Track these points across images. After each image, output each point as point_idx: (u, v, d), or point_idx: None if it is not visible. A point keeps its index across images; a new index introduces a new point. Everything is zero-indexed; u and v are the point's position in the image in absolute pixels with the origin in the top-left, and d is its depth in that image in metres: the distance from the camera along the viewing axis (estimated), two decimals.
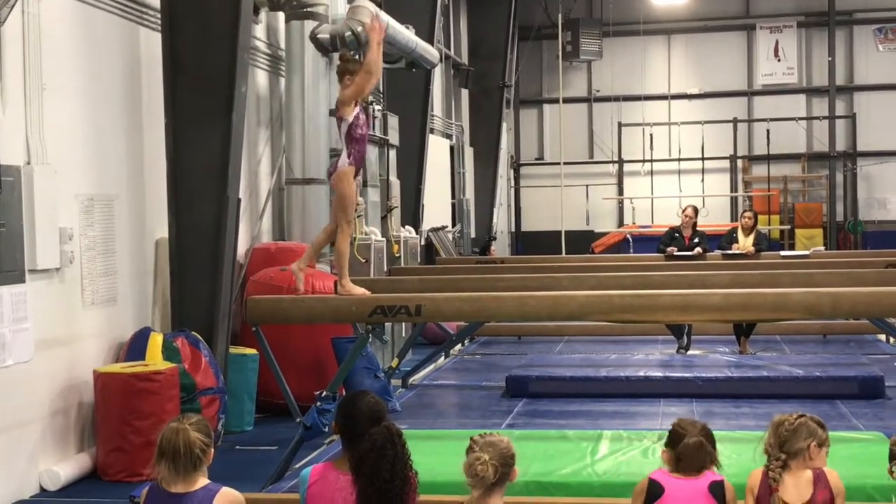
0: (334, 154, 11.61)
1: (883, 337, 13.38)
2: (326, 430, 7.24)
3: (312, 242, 8.06)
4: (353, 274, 11.29)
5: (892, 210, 24.87)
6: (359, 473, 3.74)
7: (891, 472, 3.74)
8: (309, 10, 10.96)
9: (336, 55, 11.42)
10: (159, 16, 8.41)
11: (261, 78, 11.31)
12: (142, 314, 8.71)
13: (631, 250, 21.78)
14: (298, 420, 7.33)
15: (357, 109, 7.18)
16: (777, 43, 25.29)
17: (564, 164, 21.45)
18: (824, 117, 24.95)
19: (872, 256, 12.73)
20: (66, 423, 7.65)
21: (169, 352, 7.96)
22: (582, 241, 22.53)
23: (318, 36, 11.00)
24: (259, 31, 11.21)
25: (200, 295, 8.30)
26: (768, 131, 23.86)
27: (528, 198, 26.03)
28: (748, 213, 13.33)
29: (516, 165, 26.14)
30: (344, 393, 7.81)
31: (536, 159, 26.31)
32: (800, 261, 12.03)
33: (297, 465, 7.19)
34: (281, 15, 11.34)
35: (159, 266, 8.89)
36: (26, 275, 7.08)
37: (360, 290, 7.32)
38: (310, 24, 11.01)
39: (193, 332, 8.17)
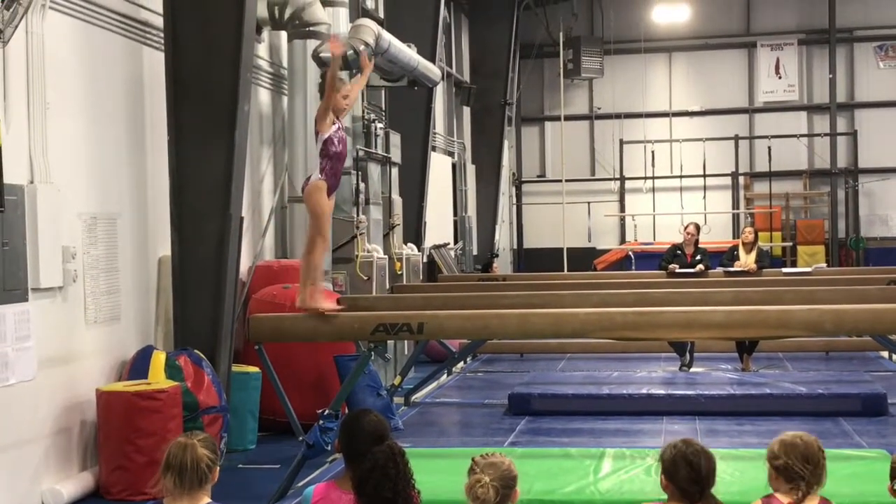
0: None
1: (886, 354, 13.36)
2: (329, 448, 7.23)
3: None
4: (354, 291, 11.38)
5: (894, 227, 24.87)
6: (361, 493, 3.74)
7: (892, 490, 3.73)
8: (311, 29, 10.99)
9: (342, 73, 11.48)
10: (162, 35, 8.44)
11: (263, 96, 11.35)
12: (144, 332, 8.71)
13: (633, 267, 21.79)
14: (301, 438, 7.33)
15: (334, 126, 7.17)
16: (778, 60, 25.35)
17: (566, 181, 21.47)
18: (825, 134, 24.98)
19: (874, 273, 12.72)
20: (69, 441, 7.65)
21: (172, 370, 7.96)
22: (584, 258, 22.54)
23: (321, 55, 11.04)
24: (262, 49, 11.25)
25: (203, 313, 8.31)
26: (770, 148, 23.89)
27: (530, 215, 26.05)
28: (749, 230, 13.34)
29: (518, 183, 26.17)
30: (346, 411, 7.81)
31: (538, 176, 26.34)
32: (802, 278, 12.03)
33: (300, 484, 7.18)
34: (283, 34, 11.38)
35: (162, 284, 8.90)
36: (29, 293, 7.09)
37: (329, 304, 7.22)
38: (312, 43, 11.04)
39: (196, 351, 8.17)
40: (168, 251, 8.54)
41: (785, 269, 14.73)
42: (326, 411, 7.31)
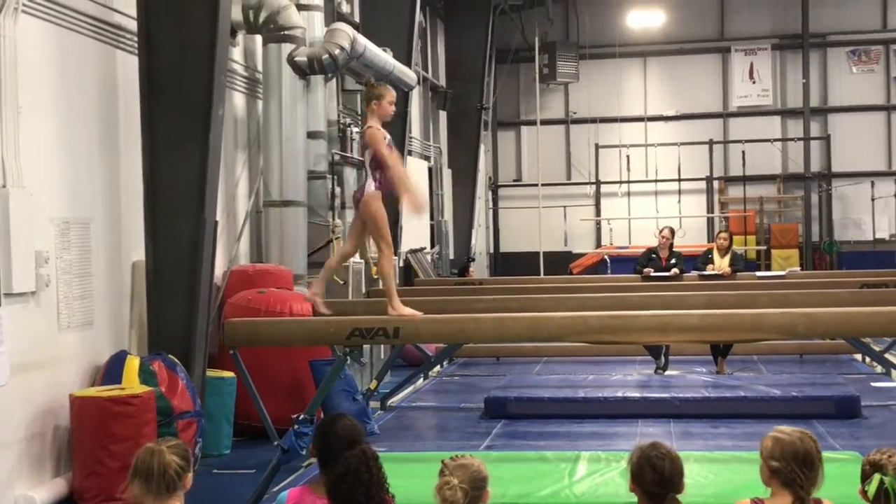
0: (313, 176, 11.66)
1: (859, 357, 13.45)
2: (304, 453, 7.22)
3: (326, 265, 8.05)
4: (331, 296, 11.35)
5: (867, 230, 25.05)
6: (334, 497, 3.73)
7: (863, 493, 3.75)
8: (286, 33, 10.98)
9: (313, 77, 11.48)
10: (136, 39, 8.41)
11: (238, 100, 11.32)
12: (118, 337, 8.66)
13: (609, 271, 21.84)
14: (276, 443, 7.31)
15: (386, 139, 7.26)
16: (752, 65, 25.50)
17: (542, 185, 21.51)
18: (799, 139, 25.14)
19: (848, 277, 12.82)
20: (42, 447, 7.59)
21: (145, 375, 7.92)
22: (560, 261, 22.58)
23: (296, 59, 11.03)
24: (236, 53, 11.22)
25: (177, 318, 8.27)
26: (744, 152, 24.02)
27: (507, 219, 26.09)
28: (723, 234, 13.41)
29: (494, 187, 26.20)
30: (322, 416, 7.79)
31: (514, 181, 26.38)
32: (776, 281, 12.10)
33: (275, 489, 7.15)
34: (258, 38, 11.36)
35: (136, 289, 8.85)
36: (1, 298, 7.03)
37: (410, 311, 7.27)
38: (287, 47, 11.03)
39: (170, 356, 8.13)
40: (142, 255, 8.49)
41: (759, 273, 14.82)
42: (302, 416, 7.29)
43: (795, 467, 3.71)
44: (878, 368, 12.53)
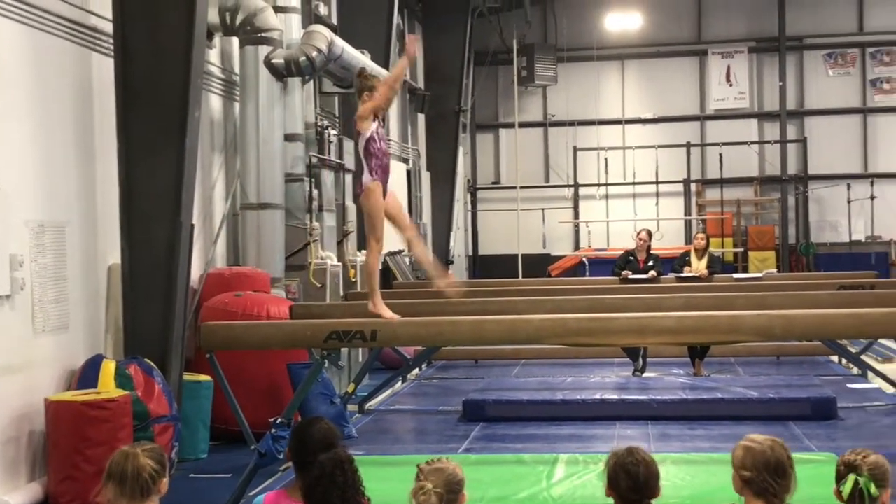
0: (290, 179, 11.63)
1: (835, 358, 13.52)
2: (281, 457, 7.19)
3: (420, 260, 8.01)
4: (308, 299, 11.34)
5: (844, 233, 25.19)
6: (309, 501, 3.71)
7: (837, 493, 3.76)
8: (263, 35, 10.94)
9: (290, 80, 11.45)
10: (111, 41, 8.36)
11: (215, 103, 11.28)
12: (94, 341, 8.61)
13: (587, 273, 21.88)
14: (253, 447, 7.28)
15: (375, 124, 7.16)
16: (729, 68, 25.62)
17: (521, 188, 21.54)
18: (776, 141, 25.26)
19: (824, 279, 12.88)
20: (17, 452, 7.54)
21: (121, 379, 7.87)
22: (539, 264, 22.62)
23: (273, 61, 11.00)
24: (213, 55, 11.18)
25: (153, 321, 8.22)
26: (721, 155, 24.11)
27: (485, 221, 26.10)
28: (700, 235, 13.46)
29: (473, 189, 26.21)
30: (299, 419, 7.76)
31: (493, 183, 26.40)
32: (753, 283, 12.15)
33: (252, 493, 7.13)
34: (235, 40, 11.32)
35: (112, 292, 8.80)
36: None
37: (390, 314, 7.23)
38: (264, 49, 10.99)
39: (146, 360, 8.09)
40: (118, 259, 8.45)
41: (736, 275, 14.88)
42: (279, 420, 7.27)
43: (767, 476, 3.70)
44: (855, 370, 12.59)
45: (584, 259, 23.11)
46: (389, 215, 7.41)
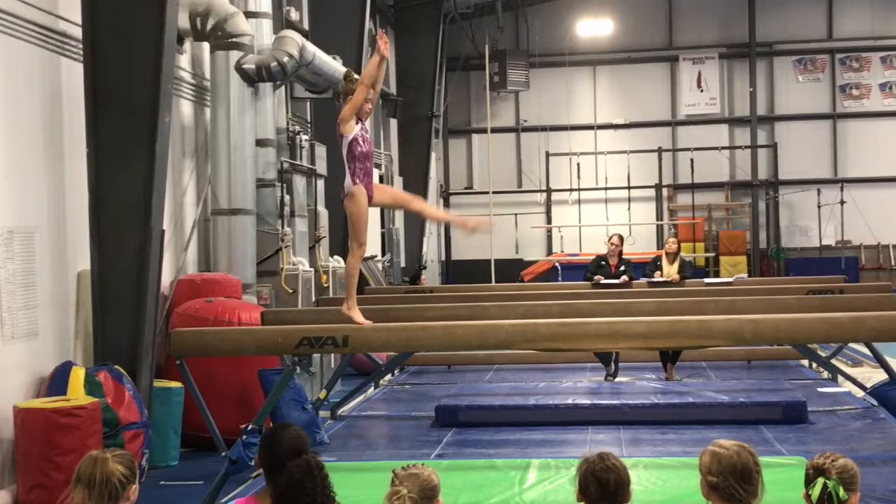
0: (262, 184, 11.60)
1: (806, 362, 13.59)
2: (252, 463, 7.15)
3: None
4: (280, 304, 11.30)
5: (814, 237, 25.38)
6: None
7: (806, 497, 3.77)
8: (234, 40, 10.91)
9: (261, 85, 11.42)
10: (81, 46, 8.31)
11: (185, 108, 11.23)
12: (63, 348, 8.55)
13: (559, 278, 21.94)
14: (224, 454, 7.24)
15: (357, 127, 7.14)
16: (700, 74, 25.78)
17: (493, 193, 21.58)
18: (746, 146, 25.43)
19: (794, 283, 12.95)
20: None
21: (91, 386, 7.82)
22: (511, 269, 22.66)
23: (244, 66, 10.96)
24: (183, 60, 11.14)
25: (123, 328, 8.17)
26: (692, 160, 24.26)
27: (457, 227, 26.12)
28: (672, 239, 13.52)
29: (446, 194, 26.23)
30: (271, 426, 7.73)
31: (465, 188, 26.43)
32: (723, 288, 12.21)
33: (223, 500, 7.10)
34: (206, 45, 11.28)
35: (81, 299, 8.74)
36: None
37: (362, 319, 7.21)
38: (235, 55, 10.96)
39: (116, 366, 8.03)
40: (87, 265, 8.38)
41: (707, 280, 14.95)
42: (250, 426, 7.24)
43: (734, 482, 3.71)
44: (825, 374, 12.67)
45: (557, 264, 23.16)
46: (387, 204, 7.42)
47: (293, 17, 13.62)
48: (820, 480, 3.71)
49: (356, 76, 7.41)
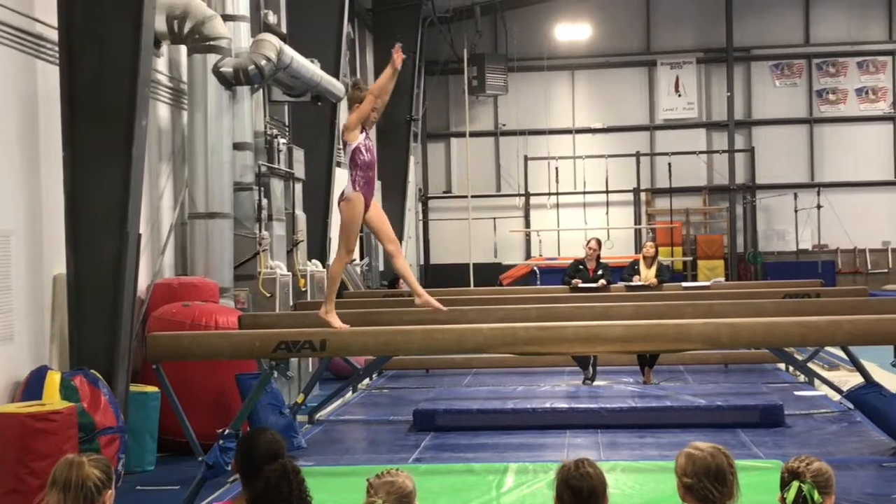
0: (239, 188, 11.57)
1: (783, 366, 13.66)
2: (229, 468, 7.13)
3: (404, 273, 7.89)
4: (257, 308, 11.26)
5: (791, 241, 25.52)
6: None
7: (781, 500, 3.78)
8: (212, 43, 10.87)
9: (239, 88, 11.38)
10: (57, 49, 8.26)
11: (163, 111, 11.18)
12: (39, 352, 8.49)
13: (538, 282, 21.97)
14: (201, 459, 7.21)
15: (362, 136, 7.18)
16: (678, 78, 25.89)
17: (472, 197, 21.59)
18: (724, 151, 25.55)
19: (771, 287, 13.01)
20: None
21: (67, 391, 7.76)
22: (490, 273, 22.68)
23: (222, 69, 10.93)
24: (161, 64, 11.09)
25: (100, 332, 8.11)
26: (670, 165, 24.35)
27: (437, 231, 26.14)
28: (649, 243, 13.55)
29: (424, 198, 26.23)
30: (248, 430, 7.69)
31: (444, 192, 26.44)
32: (701, 292, 12.26)
33: None
34: (183, 48, 11.23)
35: (57, 303, 8.69)
36: None
37: (339, 324, 7.22)
38: (212, 58, 10.91)
39: (92, 371, 7.98)
40: (63, 269, 8.32)
41: (685, 284, 14.99)
42: (227, 431, 7.21)
43: (707, 483, 3.72)
44: (802, 378, 12.73)
45: (535, 268, 23.20)
46: (372, 226, 7.51)
47: (271, 20, 13.59)
48: (795, 484, 3.72)
49: (363, 85, 7.46)
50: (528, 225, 25.85)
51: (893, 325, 7.37)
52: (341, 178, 17.01)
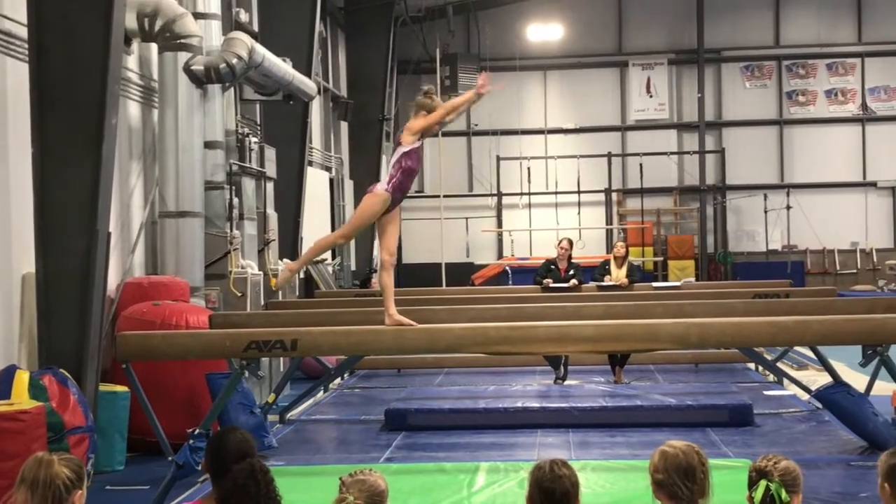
0: (210, 187, 11.53)
1: (752, 366, 13.73)
2: (199, 468, 7.10)
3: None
4: (228, 308, 11.22)
5: (761, 242, 25.68)
6: None
7: (750, 499, 3.81)
8: (183, 41, 10.82)
9: (210, 86, 11.34)
10: (26, 46, 8.20)
11: (133, 109, 11.12)
12: (7, 351, 8.43)
13: (510, 282, 22.00)
14: (171, 458, 7.18)
15: (418, 143, 7.15)
16: (649, 79, 26.01)
17: (444, 196, 21.59)
18: (695, 152, 25.68)
19: (741, 287, 13.09)
20: None
21: (36, 390, 7.70)
22: (462, 273, 22.69)
23: (192, 67, 10.87)
24: (131, 62, 11.03)
25: (69, 331, 8.06)
26: (641, 165, 24.45)
27: (409, 230, 26.10)
28: (620, 243, 13.60)
29: None
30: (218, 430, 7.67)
31: (417, 192, 26.42)
32: (671, 292, 12.31)
33: None
34: (154, 46, 11.17)
35: (26, 302, 8.62)
36: None
37: (408, 321, 7.21)
38: (183, 56, 10.86)
39: (61, 370, 7.92)
40: (32, 268, 8.27)
41: (655, 284, 15.05)
42: (197, 430, 7.18)
43: (678, 479, 3.75)
44: (771, 377, 12.81)
45: (507, 268, 23.23)
46: (380, 230, 7.45)
47: (242, 18, 13.55)
48: (762, 483, 3.75)
49: (434, 93, 7.45)
50: (500, 225, 25.89)
51: (861, 325, 7.45)
52: (312, 177, 17.04)
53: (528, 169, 24.73)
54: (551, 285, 12.77)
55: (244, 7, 13.73)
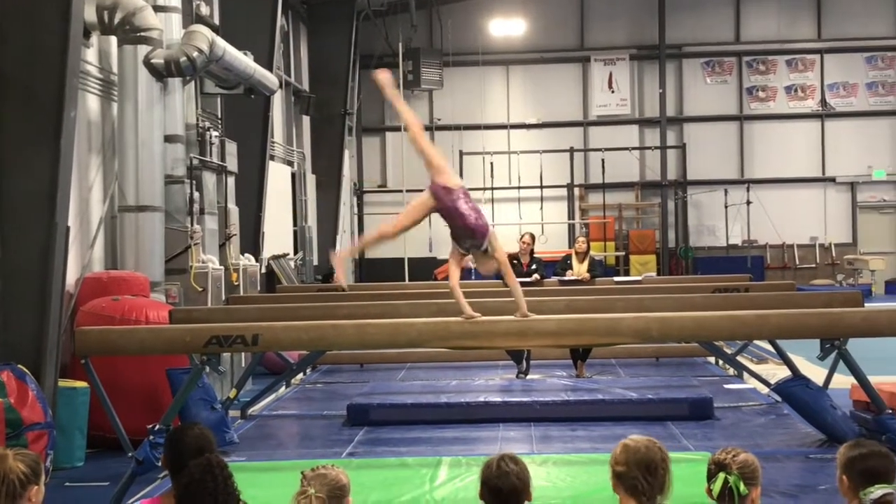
0: (170, 181, 11.45)
1: (713, 360, 13.84)
2: (159, 464, 7.05)
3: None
4: (189, 303, 11.15)
5: (721, 237, 25.87)
6: None
7: (708, 491, 3.84)
8: (143, 34, 10.72)
9: (170, 80, 11.26)
10: None
11: (92, 103, 11.02)
12: None
13: (472, 276, 22.01)
14: (131, 454, 7.14)
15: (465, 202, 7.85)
16: (611, 75, 26.11)
17: (407, 191, 21.57)
18: (656, 147, 25.82)
19: (702, 281, 13.17)
20: None
21: None
22: (425, 267, 22.69)
23: (152, 61, 10.79)
24: (90, 54, 10.93)
25: (27, 326, 7.98)
26: (603, 160, 24.54)
27: (372, 225, 26.06)
28: (581, 239, 13.65)
29: (359, 192, 26.16)
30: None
31: (379, 186, 26.40)
32: (632, 286, 12.37)
33: (130, 501, 6.99)
34: (113, 39, 11.07)
35: None
36: None
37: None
38: (143, 49, 10.77)
39: (19, 366, 7.84)
40: None
41: (616, 278, 15.13)
42: (157, 426, 7.14)
43: (637, 472, 3.77)
44: (731, 371, 12.91)
45: (471, 263, 23.18)
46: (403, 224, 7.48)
47: (203, 11, 13.45)
48: (721, 475, 3.78)
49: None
50: None
51: (820, 319, 7.53)
52: (274, 172, 16.96)
53: (491, 164, 24.76)
54: None
55: (205, 0, 13.63)
